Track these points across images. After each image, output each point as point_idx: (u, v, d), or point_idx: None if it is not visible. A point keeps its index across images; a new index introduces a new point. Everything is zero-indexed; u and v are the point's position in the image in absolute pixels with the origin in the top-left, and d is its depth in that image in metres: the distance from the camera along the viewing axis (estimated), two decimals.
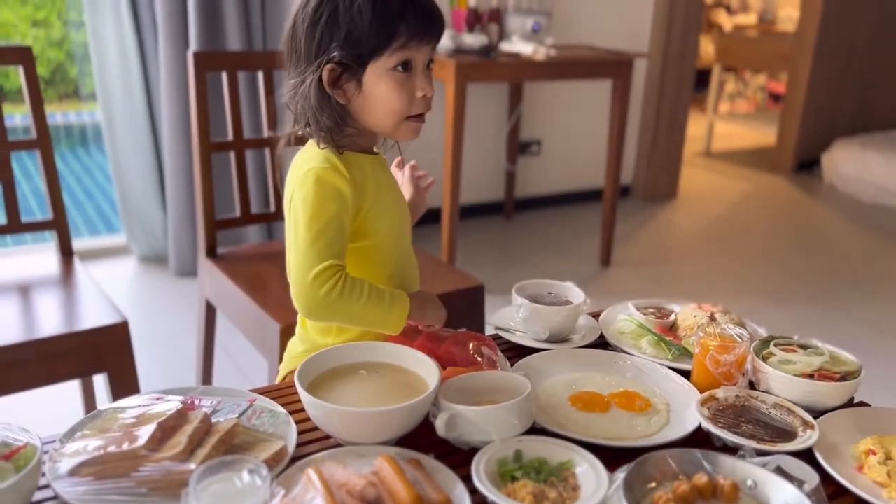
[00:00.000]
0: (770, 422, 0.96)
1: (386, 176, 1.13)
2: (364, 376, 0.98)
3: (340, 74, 1.00)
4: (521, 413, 0.91)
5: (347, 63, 0.99)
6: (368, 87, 1.01)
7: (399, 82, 1.01)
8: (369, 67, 1.00)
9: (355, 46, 0.98)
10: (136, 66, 2.70)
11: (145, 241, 2.99)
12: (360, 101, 1.02)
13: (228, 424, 0.87)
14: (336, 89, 1.01)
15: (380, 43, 0.98)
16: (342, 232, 1.02)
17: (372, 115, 1.04)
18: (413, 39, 0.99)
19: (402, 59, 1.00)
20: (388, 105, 1.02)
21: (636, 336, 1.20)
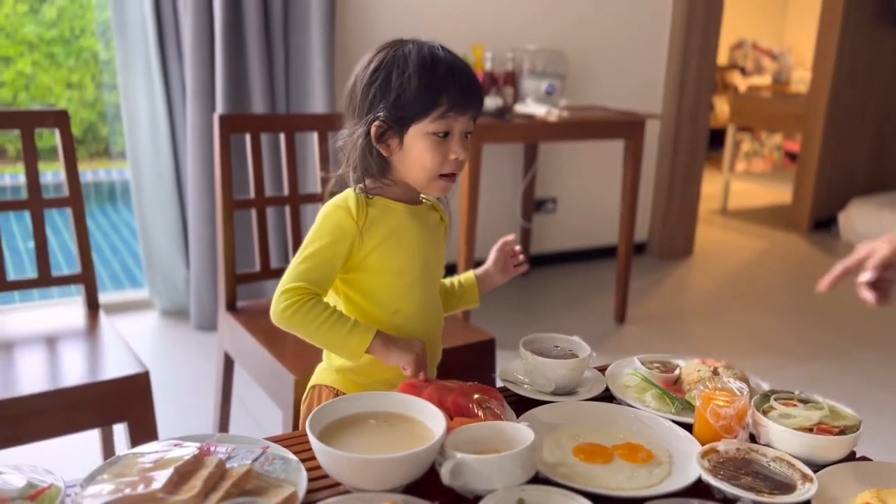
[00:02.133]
0: (770, 475, 0.97)
1: (416, 224, 1.22)
2: (373, 426, 1.01)
3: (386, 131, 1.14)
4: (525, 462, 0.94)
5: (392, 122, 1.13)
6: (408, 145, 1.15)
7: (435, 144, 1.14)
8: (411, 128, 1.14)
9: (401, 109, 1.12)
10: (164, 127, 2.82)
11: (167, 295, 3.07)
12: (400, 155, 1.16)
13: (242, 470, 0.90)
14: (381, 143, 1.15)
15: (422, 109, 1.12)
16: (329, 263, 1.15)
17: (408, 169, 1.17)
18: (452, 110, 1.13)
19: (440, 128, 1.14)
20: (422, 163, 1.15)
21: (641, 390, 1.23)
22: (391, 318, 1.21)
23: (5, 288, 1.66)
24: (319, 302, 1.13)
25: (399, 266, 1.19)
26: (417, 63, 1.12)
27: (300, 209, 1.87)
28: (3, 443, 1.32)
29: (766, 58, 7.75)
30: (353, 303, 1.22)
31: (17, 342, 1.60)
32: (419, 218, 1.23)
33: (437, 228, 1.27)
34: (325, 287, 1.16)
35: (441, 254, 1.29)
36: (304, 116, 2.12)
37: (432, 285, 1.28)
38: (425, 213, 1.25)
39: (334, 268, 1.16)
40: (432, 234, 1.26)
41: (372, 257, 1.17)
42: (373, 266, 1.18)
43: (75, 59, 5.77)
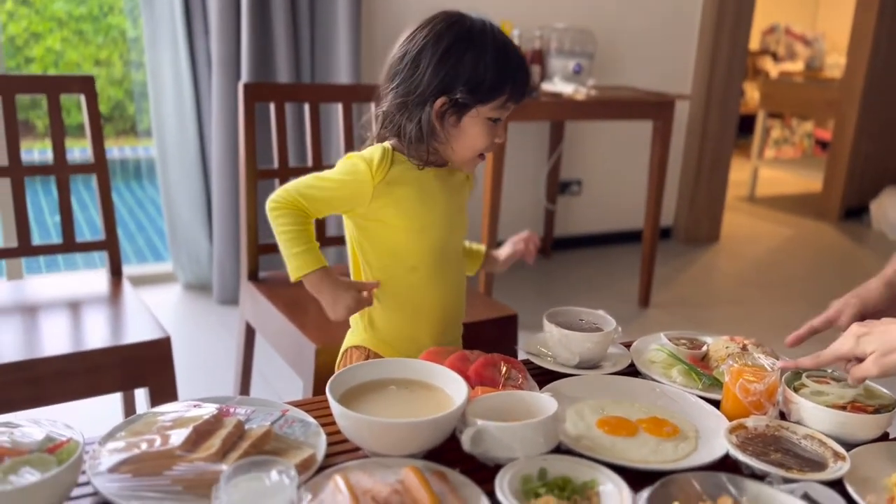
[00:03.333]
0: (800, 452, 0.95)
1: (441, 185, 1.24)
2: (393, 392, 1.00)
3: (448, 108, 1.17)
4: (547, 431, 0.92)
5: (457, 102, 1.16)
6: (465, 125, 1.19)
7: (489, 128, 1.20)
8: (473, 110, 1.17)
9: (472, 92, 1.16)
10: (189, 103, 2.82)
11: (191, 268, 3.08)
12: (454, 132, 1.19)
13: (261, 431, 0.89)
14: (438, 119, 1.18)
15: (490, 95, 1.17)
16: (329, 196, 1.19)
17: (457, 146, 1.21)
18: (511, 100, 1.19)
19: (497, 114, 1.19)
20: (473, 144, 1.20)
21: (667, 366, 1.20)
22: (407, 275, 1.24)
23: (31, 252, 1.67)
24: (298, 216, 1.19)
25: (420, 223, 1.22)
26: (494, 50, 1.15)
27: None
28: (27, 403, 1.32)
29: (798, 43, 7.59)
30: (369, 257, 1.24)
31: (41, 307, 1.61)
32: (445, 179, 1.25)
33: (461, 188, 1.30)
34: (314, 211, 1.20)
35: (464, 214, 1.31)
36: (330, 87, 2.10)
37: (454, 246, 1.29)
38: (449, 175, 1.27)
39: (330, 204, 1.21)
40: (457, 194, 1.28)
41: (387, 211, 1.19)
42: (392, 221, 1.20)
43: (104, 37, 5.80)
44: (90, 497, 0.81)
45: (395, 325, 1.26)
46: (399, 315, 1.26)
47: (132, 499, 0.78)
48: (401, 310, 1.26)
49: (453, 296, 1.30)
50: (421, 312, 1.27)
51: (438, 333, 1.28)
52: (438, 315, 1.28)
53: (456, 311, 1.32)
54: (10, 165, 1.64)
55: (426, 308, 1.27)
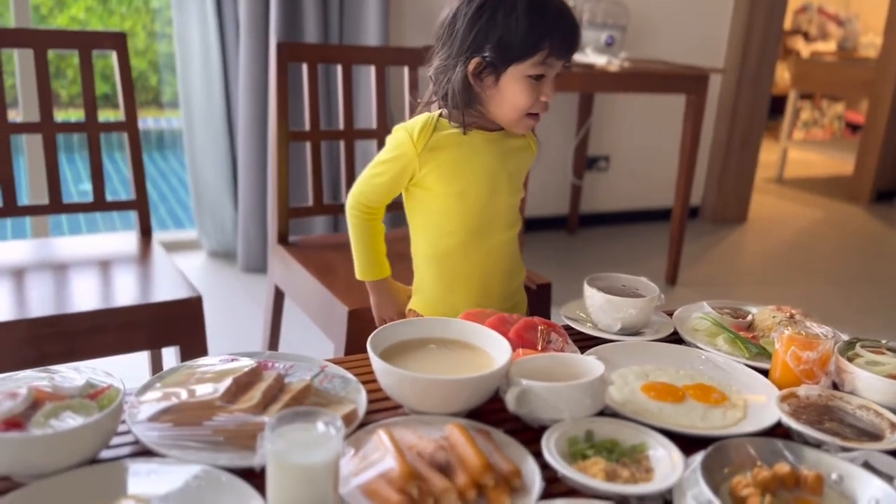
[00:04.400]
0: (855, 422, 0.91)
1: (490, 150, 1.22)
2: (433, 351, 0.98)
3: (484, 68, 1.15)
4: (594, 393, 0.89)
5: (492, 61, 1.14)
6: (503, 85, 1.16)
7: (530, 86, 1.15)
8: (510, 69, 1.14)
9: (504, 50, 1.13)
10: (217, 69, 2.79)
11: (216, 236, 3.07)
12: (493, 93, 1.17)
13: (301, 385, 0.88)
14: (476, 79, 1.16)
15: (525, 52, 1.13)
16: (388, 182, 1.22)
17: (498, 107, 1.18)
18: (552, 55, 1.14)
19: (538, 71, 1.14)
20: (514, 103, 1.17)
21: (711, 334, 1.17)
22: (445, 240, 1.24)
23: (62, 209, 1.66)
24: (364, 220, 1.27)
25: (459, 188, 1.21)
26: (526, 4, 1.11)
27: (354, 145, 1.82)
28: (59, 358, 1.32)
29: (831, 23, 7.42)
30: (415, 221, 1.26)
31: (71, 265, 1.60)
32: (495, 144, 1.23)
33: (518, 154, 1.26)
34: (378, 203, 1.27)
35: (516, 178, 1.28)
36: (363, 48, 2.06)
37: (498, 211, 1.26)
38: (503, 139, 1.24)
39: (391, 188, 1.23)
40: (511, 158, 1.25)
41: (431, 177, 1.20)
42: (432, 186, 1.21)
43: (127, 7, 5.79)
44: (130, 445, 0.79)
45: (436, 291, 1.27)
46: (439, 281, 1.26)
47: (173, 448, 0.76)
48: (440, 276, 1.26)
49: (496, 263, 1.27)
50: (458, 279, 1.26)
51: (475, 303, 1.24)
52: (477, 283, 1.26)
53: (501, 280, 1.29)
54: (42, 121, 1.63)
55: (463, 274, 1.26)
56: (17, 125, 1.65)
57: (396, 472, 0.72)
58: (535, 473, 0.77)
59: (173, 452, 0.75)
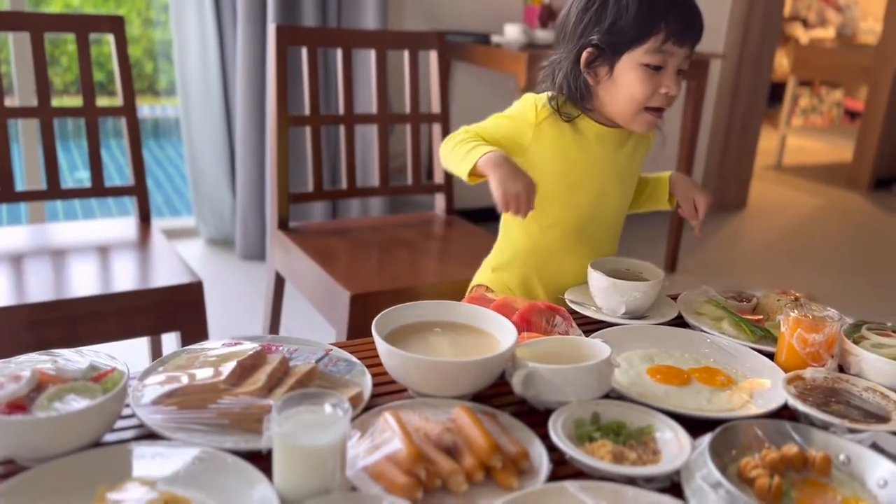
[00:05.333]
0: (861, 404, 0.91)
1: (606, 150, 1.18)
2: (439, 334, 0.97)
3: (596, 58, 1.10)
4: (601, 375, 0.88)
5: (605, 49, 1.09)
6: (618, 74, 1.10)
7: (647, 76, 1.09)
8: (624, 57, 1.09)
9: (616, 36, 1.08)
10: (214, 55, 2.77)
11: (214, 223, 3.06)
12: (608, 84, 1.12)
13: (306, 368, 0.87)
14: (589, 70, 1.11)
15: (639, 36, 1.07)
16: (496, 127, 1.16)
17: (614, 100, 1.12)
18: (669, 40, 1.07)
19: (655, 60, 1.08)
20: (631, 94, 1.10)
21: (716, 318, 1.16)
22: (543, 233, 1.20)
23: (60, 195, 1.64)
24: (469, 136, 1.13)
25: (570, 181, 1.17)
26: None
27: (354, 130, 1.81)
28: (60, 343, 1.31)
29: (830, 9, 7.39)
30: None
31: (70, 250, 1.59)
32: (610, 142, 1.18)
33: (632, 154, 1.22)
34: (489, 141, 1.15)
35: (628, 184, 1.24)
36: (363, 32, 2.04)
37: (605, 217, 1.23)
38: (615, 137, 1.19)
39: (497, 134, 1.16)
40: (624, 161, 1.21)
41: (546, 155, 1.15)
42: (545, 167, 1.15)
43: None
44: (135, 429, 0.79)
45: (518, 279, 1.23)
46: (523, 272, 1.23)
47: (178, 430, 0.75)
48: (528, 268, 1.22)
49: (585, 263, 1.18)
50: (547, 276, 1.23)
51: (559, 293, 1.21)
52: (565, 284, 1.21)
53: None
54: (40, 106, 1.61)
55: (553, 273, 1.23)
56: (14, 109, 1.63)
57: (404, 454, 0.71)
58: (543, 455, 0.77)
59: (178, 435, 0.75)
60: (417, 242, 1.75)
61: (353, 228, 1.83)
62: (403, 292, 1.44)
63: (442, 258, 1.73)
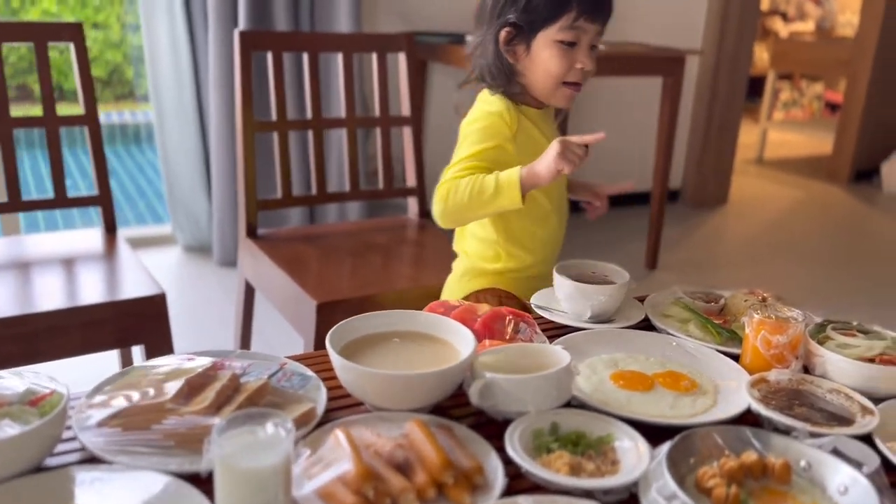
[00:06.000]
0: (825, 407, 0.90)
1: (542, 129, 1.25)
2: (397, 344, 0.95)
3: (514, 37, 1.16)
4: (560, 384, 0.87)
5: (521, 27, 1.14)
6: (535, 51, 1.16)
7: (562, 52, 1.15)
8: (539, 34, 1.15)
9: (531, 14, 1.14)
10: (186, 60, 2.74)
11: (190, 230, 3.03)
12: (526, 62, 1.18)
13: (257, 384, 0.85)
14: (508, 49, 1.17)
15: (552, 15, 1.13)
16: (494, 162, 1.18)
17: (534, 76, 1.19)
18: (581, 17, 1.13)
19: (568, 36, 1.14)
20: (548, 70, 1.16)
21: (683, 320, 1.15)
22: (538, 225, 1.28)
23: (21, 207, 1.61)
24: (464, 178, 1.15)
25: None
26: None
27: (324, 135, 1.79)
28: (21, 359, 1.28)
29: (809, 3, 7.42)
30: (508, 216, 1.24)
31: (34, 263, 1.56)
32: (547, 122, 1.27)
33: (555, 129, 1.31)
34: None
35: None
36: (330, 36, 2.02)
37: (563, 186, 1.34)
38: (549, 114, 1.28)
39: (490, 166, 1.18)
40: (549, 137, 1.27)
41: (525, 156, 1.18)
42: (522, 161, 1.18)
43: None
44: (77, 452, 0.76)
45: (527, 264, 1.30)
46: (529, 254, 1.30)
47: (120, 454, 0.73)
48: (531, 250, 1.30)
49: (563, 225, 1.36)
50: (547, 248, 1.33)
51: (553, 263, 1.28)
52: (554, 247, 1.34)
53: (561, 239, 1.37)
54: None
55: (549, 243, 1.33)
56: None
57: (352, 474, 0.69)
58: (498, 469, 0.75)
59: (121, 458, 0.72)
60: (390, 247, 1.73)
61: (325, 234, 1.81)
62: (372, 299, 1.42)
63: (414, 263, 1.71)
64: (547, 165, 1.11)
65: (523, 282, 1.31)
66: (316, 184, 1.78)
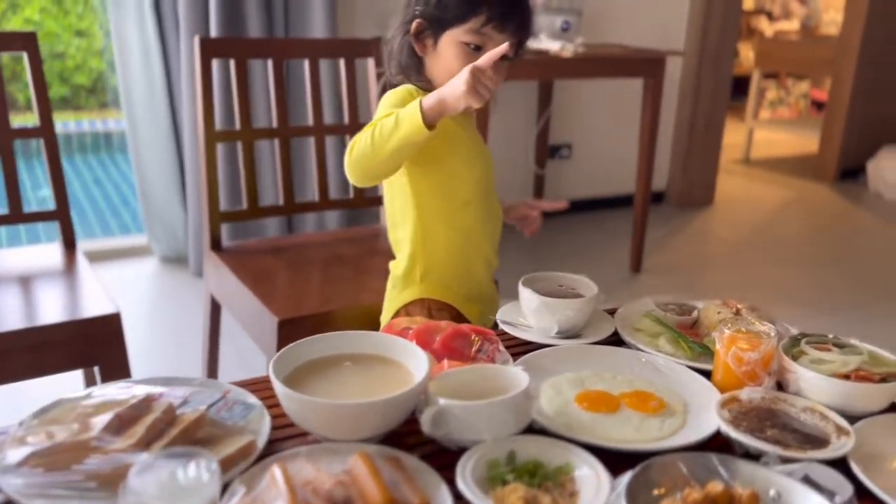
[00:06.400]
0: (799, 427, 0.85)
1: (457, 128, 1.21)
2: (349, 368, 0.90)
3: (425, 29, 1.15)
4: (517, 410, 0.82)
5: (430, 22, 1.14)
6: (441, 49, 1.15)
7: (465, 55, 1.12)
8: (446, 33, 1.13)
9: (440, 10, 1.12)
10: (158, 70, 2.68)
11: (166, 241, 2.97)
12: (432, 57, 1.17)
13: (194, 416, 0.79)
14: (417, 41, 1.16)
15: (460, 15, 1.11)
16: None
17: (437, 73, 1.17)
18: (489, 24, 1.10)
19: (473, 39, 1.12)
20: (450, 70, 1.12)
21: (654, 334, 1.10)
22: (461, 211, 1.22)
23: None
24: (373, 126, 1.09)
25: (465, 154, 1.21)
26: None
27: (291, 144, 1.74)
28: None
29: (794, 1, 7.41)
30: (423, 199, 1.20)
31: None
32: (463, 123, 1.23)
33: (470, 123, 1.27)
34: None
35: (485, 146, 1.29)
36: (295, 41, 1.97)
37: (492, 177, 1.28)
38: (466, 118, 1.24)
39: None
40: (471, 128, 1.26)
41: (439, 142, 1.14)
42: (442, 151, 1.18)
43: (83, 6, 5.62)
44: None
45: (453, 266, 1.24)
46: (456, 256, 1.24)
47: (38, 497, 0.68)
48: (457, 250, 1.23)
49: (498, 226, 1.30)
50: (474, 247, 1.25)
51: (490, 266, 1.29)
52: (488, 248, 1.28)
53: (497, 241, 1.32)
54: None
55: (477, 241, 1.25)
56: None
57: None
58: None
59: (37, 503, 0.67)
60: (361, 259, 1.68)
61: (294, 246, 1.76)
62: (337, 315, 1.37)
63: (385, 276, 1.65)
64: (454, 94, 1.03)
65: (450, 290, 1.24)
66: (283, 194, 1.73)
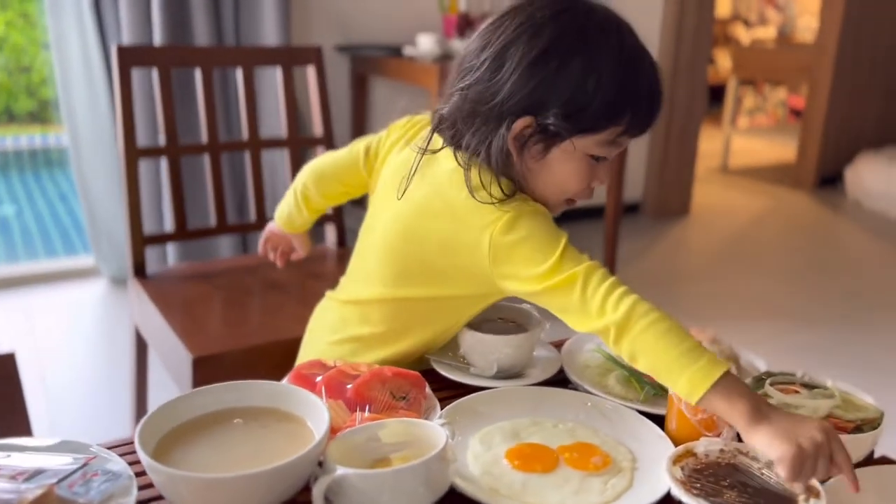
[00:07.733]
0: (763, 485, 0.73)
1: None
2: (239, 427, 0.77)
3: (533, 134, 0.86)
4: (429, 477, 0.69)
5: (549, 128, 0.85)
6: (554, 159, 0.88)
7: (586, 167, 0.89)
8: (568, 141, 0.86)
9: (569, 118, 0.84)
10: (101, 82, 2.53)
11: (115, 260, 2.82)
12: (536, 167, 0.89)
13: (38, 492, 0.66)
14: (517, 144, 0.87)
15: (597, 125, 0.85)
16: None
17: (540, 184, 0.91)
18: (628, 133, 0.87)
19: (604, 151, 0.88)
20: (563, 185, 0.91)
21: (603, 371, 0.98)
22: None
23: None
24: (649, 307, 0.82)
25: None
26: (615, 62, 0.84)
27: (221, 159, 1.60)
28: None
29: (770, 8, 7.38)
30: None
31: None
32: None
33: None
34: None
35: None
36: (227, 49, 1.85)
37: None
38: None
39: None
40: None
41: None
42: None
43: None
44: None
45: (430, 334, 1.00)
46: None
47: None
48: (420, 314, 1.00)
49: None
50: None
51: None
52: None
53: None
54: None
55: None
56: None
57: None
58: None
59: None
60: (299, 285, 1.54)
61: (232, 270, 1.62)
62: (261, 351, 1.23)
63: None
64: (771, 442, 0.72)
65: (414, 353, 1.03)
66: (215, 214, 1.60)
